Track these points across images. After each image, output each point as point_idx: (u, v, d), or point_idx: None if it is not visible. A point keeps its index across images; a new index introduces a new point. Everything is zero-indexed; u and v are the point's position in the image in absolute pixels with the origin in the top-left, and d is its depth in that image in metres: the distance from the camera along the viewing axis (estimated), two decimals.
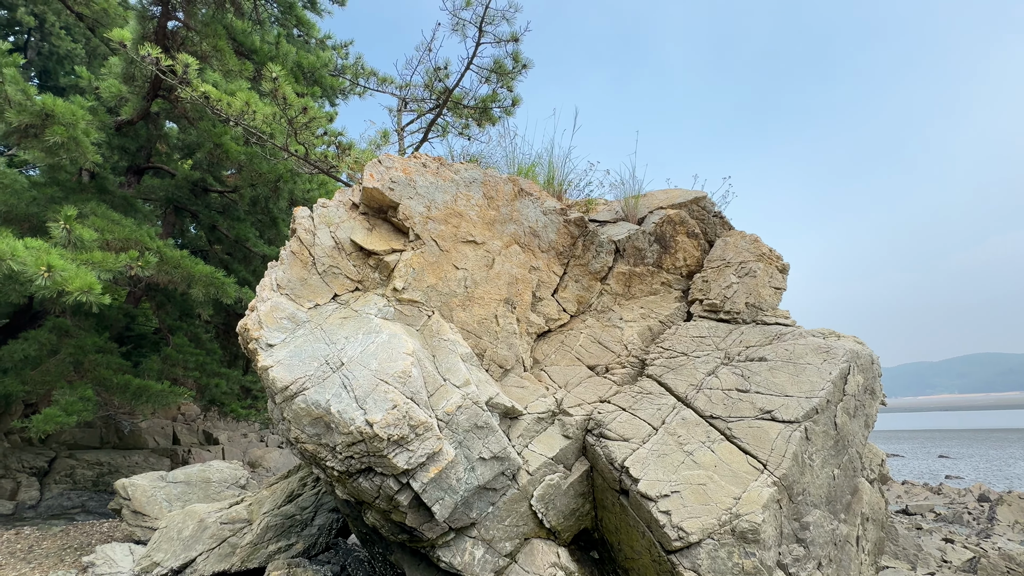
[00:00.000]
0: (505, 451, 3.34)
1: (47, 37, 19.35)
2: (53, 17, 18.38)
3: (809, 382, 3.87)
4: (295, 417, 2.93)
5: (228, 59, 6.87)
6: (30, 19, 18.29)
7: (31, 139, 7.49)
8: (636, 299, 5.10)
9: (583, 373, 4.43)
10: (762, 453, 3.52)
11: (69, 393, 8.84)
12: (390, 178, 3.95)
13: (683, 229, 5.23)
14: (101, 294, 6.43)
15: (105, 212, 8.49)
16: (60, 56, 19.18)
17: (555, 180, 5.16)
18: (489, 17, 5.58)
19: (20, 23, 18.47)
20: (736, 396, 3.93)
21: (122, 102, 8.32)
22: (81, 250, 7.04)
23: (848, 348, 4.10)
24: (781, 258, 4.90)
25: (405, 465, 2.78)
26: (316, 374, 3.00)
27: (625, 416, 3.95)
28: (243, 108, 5.24)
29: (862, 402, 4.18)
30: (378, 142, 5.82)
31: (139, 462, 12.37)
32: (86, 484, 11.31)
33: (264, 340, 3.20)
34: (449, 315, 3.99)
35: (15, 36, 19.15)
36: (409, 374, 2.97)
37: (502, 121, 6.71)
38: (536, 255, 4.62)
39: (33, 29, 19.09)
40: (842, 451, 3.94)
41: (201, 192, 11.87)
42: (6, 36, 18.58)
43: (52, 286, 6.02)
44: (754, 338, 4.44)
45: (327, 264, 3.78)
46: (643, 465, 3.55)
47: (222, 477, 8.94)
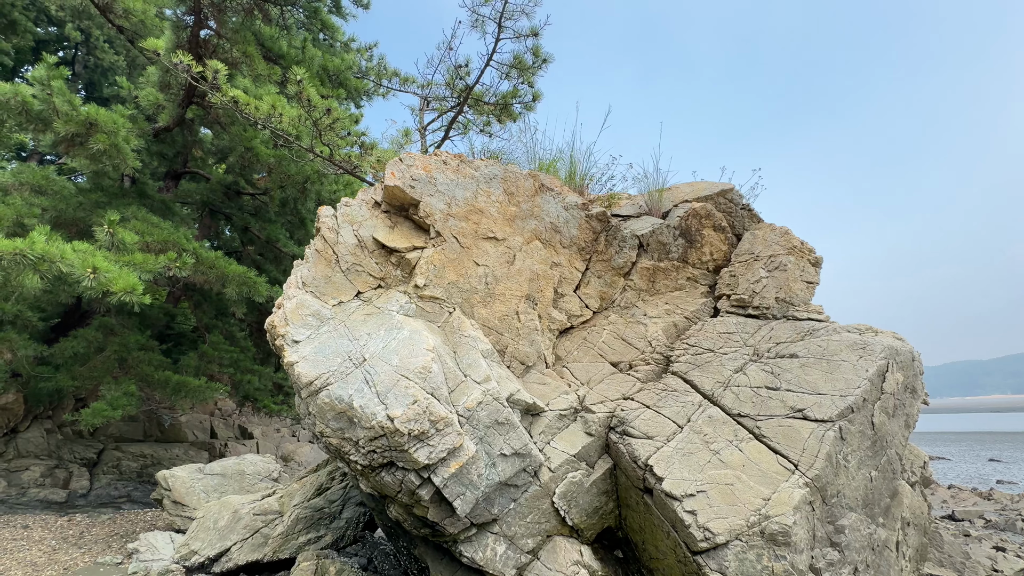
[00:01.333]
0: (526, 447, 3.32)
1: (92, 51, 20.34)
2: (98, 32, 19.34)
3: (844, 380, 3.71)
4: (319, 412, 2.99)
5: (257, 64, 7.07)
6: (77, 34, 19.27)
7: (77, 147, 7.90)
8: (660, 295, 5.00)
9: (606, 370, 4.37)
10: (793, 453, 3.39)
11: (114, 388, 9.30)
12: (411, 176, 3.98)
13: (709, 223, 5.09)
14: (142, 294, 6.74)
15: (145, 216, 8.89)
16: (104, 68, 20.18)
17: (577, 175, 5.11)
18: (508, 12, 5.56)
19: (68, 38, 19.51)
20: (766, 394, 3.81)
21: (159, 110, 8.68)
22: (123, 252, 7.39)
23: (886, 344, 3.90)
24: (813, 251, 4.71)
25: (426, 460, 2.80)
26: (339, 369, 3.06)
27: (649, 414, 3.87)
28: (270, 111, 5.38)
29: (902, 401, 3.98)
30: (400, 141, 5.88)
31: (179, 455, 12.93)
32: (131, 475, 11.90)
33: (290, 336, 3.28)
34: (470, 312, 4.00)
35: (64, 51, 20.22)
36: (430, 369, 2.99)
37: (523, 117, 6.70)
38: (558, 251, 4.57)
39: (80, 44, 20.12)
40: (880, 452, 3.76)
41: (234, 195, 12.30)
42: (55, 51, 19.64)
43: (98, 287, 6.34)
44: (785, 334, 4.29)
45: (350, 262, 3.84)
46: (667, 463, 3.47)
47: (256, 470, 9.24)
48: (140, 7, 9.41)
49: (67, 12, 16.68)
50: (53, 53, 19.42)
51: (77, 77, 20.03)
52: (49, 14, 18.39)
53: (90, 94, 20.24)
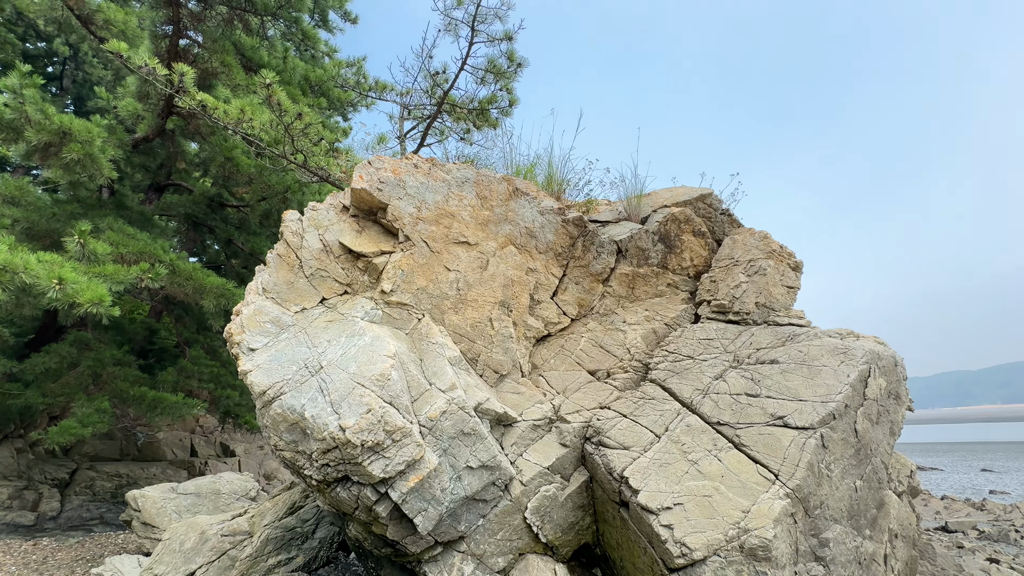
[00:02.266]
0: (495, 459, 3.16)
1: (81, 66, 20.30)
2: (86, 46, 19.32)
3: (825, 385, 3.59)
4: (273, 423, 2.82)
5: (236, 74, 7.00)
6: (65, 49, 19.22)
7: (51, 157, 7.75)
8: (640, 301, 4.89)
9: (583, 378, 4.23)
10: (774, 462, 3.25)
11: (86, 405, 9.00)
12: (379, 179, 3.88)
13: (689, 228, 5.01)
14: (111, 306, 6.53)
15: (121, 227, 8.70)
16: (92, 83, 20.13)
17: (554, 180, 5.03)
18: (481, 16, 5.54)
19: (57, 53, 19.47)
20: (745, 401, 3.68)
21: (138, 120, 8.58)
22: (94, 263, 7.20)
23: (868, 349, 3.80)
24: (793, 255, 4.63)
25: (381, 473, 2.63)
26: (294, 378, 2.90)
27: (626, 423, 3.72)
28: (239, 116, 5.28)
29: (886, 407, 3.87)
30: (375, 147, 5.81)
31: (156, 474, 12.51)
32: (105, 496, 11.48)
33: (246, 344, 3.12)
34: (440, 318, 3.86)
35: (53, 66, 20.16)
36: (388, 377, 2.84)
37: (501, 123, 6.66)
38: (533, 256, 4.46)
39: (68, 58, 20.07)
40: (864, 461, 3.63)
41: (218, 207, 12.15)
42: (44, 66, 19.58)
43: (63, 298, 6.13)
44: (765, 339, 4.18)
45: (314, 267, 3.70)
46: (644, 475, 3.32)
47: (232, 489, 8.91)
48: (121, 18, 9.36)
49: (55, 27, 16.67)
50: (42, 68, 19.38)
51: (65, 91, 19.95)
52: (38, 29, 18.37)
53: (78, 108, 20.16)
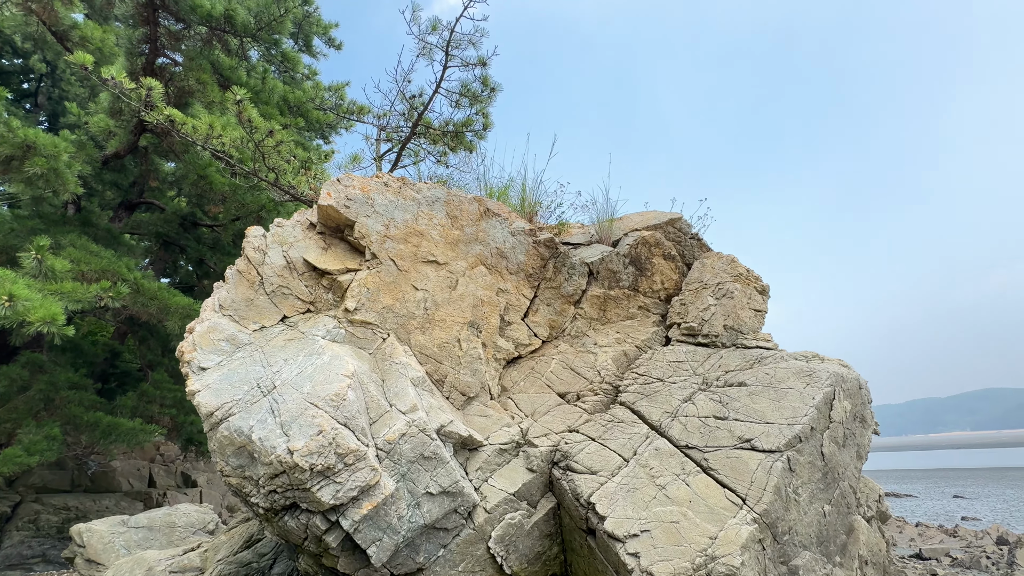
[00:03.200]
0: (457, 485, 3.04)
1: (57, 83, 20.06)
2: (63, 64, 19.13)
3: (791, 408, 3.59)
4: (219, 447, 2.66)
5: (211, 92, 6.97)
6: (42, 66, 19.00)
7: (12, 171, 7.51)
8: (612, 323, 4.88)
9: (552, 401, 4.15)
10: (741, 486, 3.20)
11: (35, 432, 8.48)
12: (347, 196, 3.83)
13: (659, 251, 5.07)
14: (66, 324, 6.24)
15: (84, 244, 8.41)
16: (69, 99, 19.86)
17: (527, 202, 5.06)
18: (455, 41, 5.67)
19: (33, 70, 19.21)
20: (714, 424, 3.64)
21: (109, 136, 8.42)
22: (52, 280, 6.90)
23: (832, 371, 3.84)
24: (760, 279, 4.71)
25: (332, 500, 2.49)
26: (244, 398, 2.76)
27: (594, 446, 3.65)
28: (208, 131, 5.22)
29: (851, 430, 3.88)
30: (348, 166, 5.79)
31: (109, 506, 11.75)
32: (50, 531, 10.71)
33: (196, 363, 2.98)
34: (407, 338, 3.77)
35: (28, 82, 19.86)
36: (344, 397, 2.72)
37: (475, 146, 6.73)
38: (504, 277, 4.44)
39: (44, 75, 19.82)
40: (832, 485, 3.61)
41: (191, 226, 11.89)
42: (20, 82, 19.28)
43: (13, 316, 5.83)
44: (734, 362, 4.19)
45: (276, 284, 3.60)
46: (611, 501, 3.22)
47: (188, 522, 8.40)
48: (98, 35, 9.29)
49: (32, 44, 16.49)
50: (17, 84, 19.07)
51: (39, 107, 19.63)
52: (14, 45, 18.14)
53: (52, 124, 19.80)
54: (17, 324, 5.98)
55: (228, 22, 7.35)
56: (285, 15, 7.62)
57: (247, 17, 7.71)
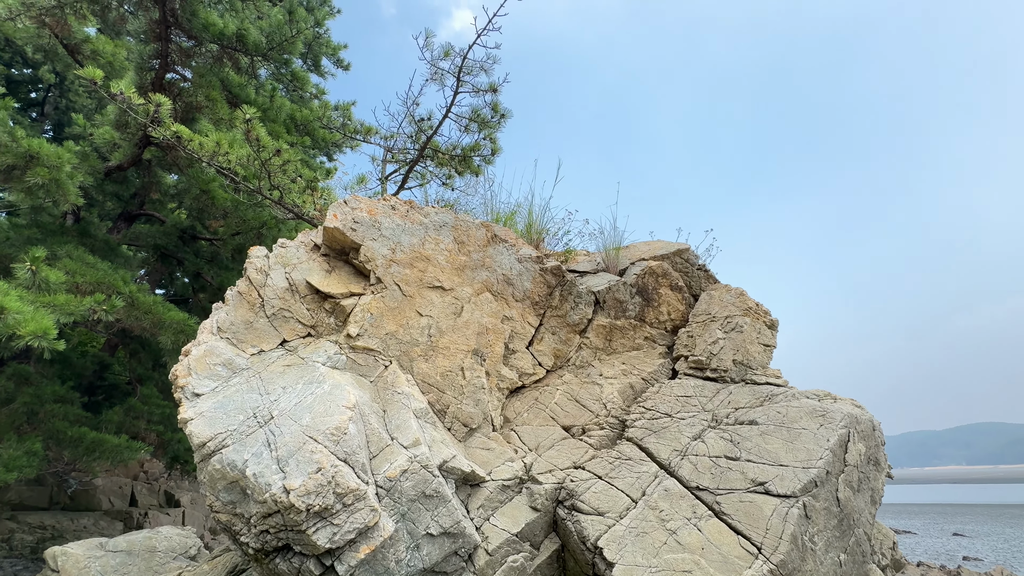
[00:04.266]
0: (459, 526, 2.88)
1: (65, 93, 20.21)
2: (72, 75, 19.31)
3: (805, 450, 3.47)
4: (210, 480, 2.52)
5: (219, 108, 6.97)
6: (51, 76, 19.16)
7: (13, 180, 7.44)
8: (617, 354, 4.78)
9: (557, 434, 4.01)
10: (756, 533, 3.06)
11: (15, 446, 8.20)
12: (353, 218, 3.77)
13: (666, 282, 5.01)
14: (57, 339, 6.07)
15: (81, 255, 8.29)
16: (76, 110, 19.99)
17: (533, 228, 5.01)
18: (467, 68, 5.73)
19: (42, 80, 19.39)
20: (725, 464, 3.52)
21: (114, 148, 8.39)
22: (46, 292, 6.76)
23: (846, 412, 3.73)
24: (769, 313, 4.64)
25: (328, 543, 2.34)
26: (240, 429, 2.62)
27: (601, 485, 3.50)
28: (215, 148, 5.18)
29: (866, 474, 3.76)
30: (354, 187, 5.76)
31: (87, 526, 11.32)
32: (23, 551, 10.27)
33: (190, 388, 2.85)
34: (409, 366, 3.65)
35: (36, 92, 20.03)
36: (345, 431, 2.59)
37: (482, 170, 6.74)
38: (510, 304, 4.35)
39: (53, 86, 19.99)
40: (848, 532, 3.46)
41: (189, 239, 11.79)
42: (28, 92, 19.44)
43: (3, 329, 5.67)
44: (743, 399, 4.08)
45: (277, 307, 3.49)
46: (619, 546, 3.07)
47: (170, 546, 8.05)
48: (110, 49, 9.36)
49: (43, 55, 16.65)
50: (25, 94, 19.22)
51: (45, 117, 19.74)
52: (25, 56, 18.34)
53: (57, 134, 19.89)
54: (6, 337, 5.82)
55: (240, 41, 7.41)
56: (297, 36, 7.70)
57: (259, 37, 7.79)
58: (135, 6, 8.13)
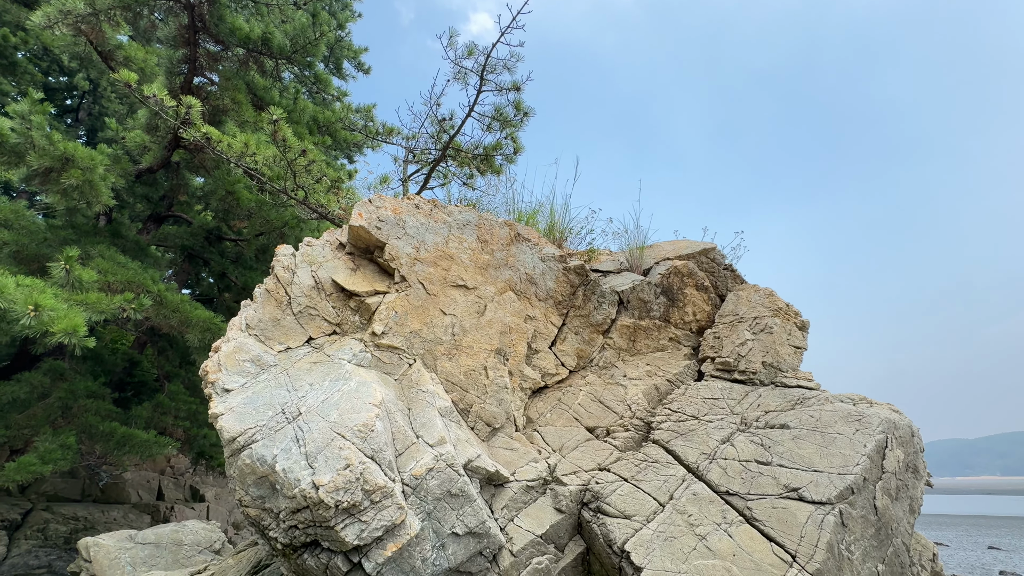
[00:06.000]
0: (484, 526, 2.85)
1: (98, 100, 20.89)
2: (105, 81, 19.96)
3: (841, 455, 3.35)
4: (240, 475, 2.54)
5: (245, 111, 7.11)
6: (85, 83, 19.82)
7: (50, 183, 7.71)
8: (642, 355, 4.70)
9: (581, 435, 3.96)
10: (790, 541, 2.96)
11: (50, 440, 8.48)
12: (378, 217, 3.78)
13: (692, 281, 4.91)
14: (87, 336, 6.25)
15: (112, 255, 8.54)
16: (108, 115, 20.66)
17: (556, 228, 4.97)
18: (490, 66, 5.73)
19: (76, 87, 20.08)
20: (756, 469, 3.41)
21: (144, 151, 8.63)
22: (79, 291, 6.98)
23: (884, 417, 3.59)
24: (799, 314, 4.51)
25: (356, 540, 2.33)
26: (269, 424, 2.64)
27: (627, 488, 3.43)
28: (243, 149, 5.27)
29: (904, 482, 3.61)
30: (377, 187, 5.82)
31: (117, 518, 11.65)
32: (57, 541, 10.61)
33: (220, 384, 2.89)
34: (433, 364, 3.65)
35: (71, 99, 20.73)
36: (372, 428, 2.59)
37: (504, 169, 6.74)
38: (532, 303, 4.31)
39: (87, 92, 20.67)
40: (886, 542, 3.33)
41: (215, 240, 12.07)
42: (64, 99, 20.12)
43: (38, 326, 5.86)
44: (774, 402, 3.96)
45: (304, 304, 3.52)
46: (647, 550, 3.00)
47: (195, 540, 8.23)
48: (141, 56, 9.64)
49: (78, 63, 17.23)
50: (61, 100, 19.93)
51: (80, 123, 20.42)
52: (61, 64, 19.02)
53: (90, 139, 20.58)
54: (40, 334, 6.02)
55: (265, 44, 7.56)
56: (320, 38, 7.82)
57: (283, 40, 7.92)
58: (165, 12, 8.36)
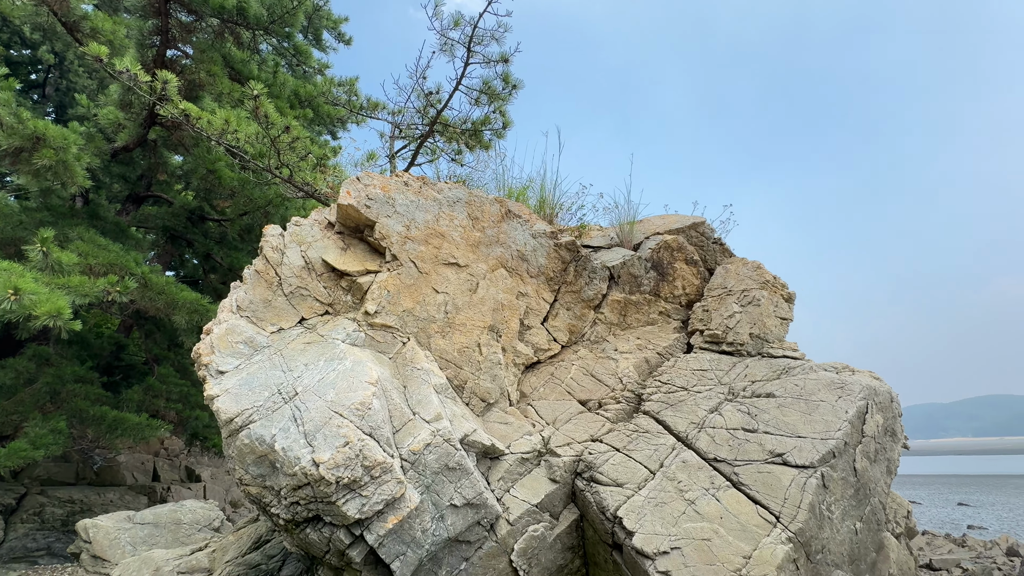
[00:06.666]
0: (481, 497, 2.94)
1: (65, 74, 19.92)
2: (72, 55, 19.02)
3: (823, 421, 3.48)
4: (239, 454, 2.57)
5: (220, 83, 6.84)
6: (50, 57, 18.85)
7: (21, 163, 7.42)
8: (632, 329, 4.77)
9: (574, 408, 4.05)
10: (774, 503, 3.10)
11: (40, 425, 8.43)
12: (367, 195, 3.73)
13: (681, 256, 4.96)
14: (72, 319, 6.15)
15: (92, 237, 8.33)
16: (76, 91, 19.74)
17: (547, 204, 4.95)
18: (478, 37, 5.57)
19: (41, 61, 19.07)
20: (743, 436, 3.54)
21: (119, 129, 8.32)
22: (59, 274, 6.82)
23: (865, 384, 3.72)
24: (786, 286, 4.59)
25: (357, 514, 2.39)
26: (266, 405, 2.66)
27: (619, 457, 3.54)
28: (223, 126, 5.11)
29: (883, 445, 3.77)
30: (364, 164, 5.70)
31: (113, 500, 11.70)
32: (55, 524, 10.66)
33: (214, 366, 2.88)
34: (427, 342, 3.67)
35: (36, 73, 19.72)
36: (369, 406, 2.62)
37: (493, 144, 6.63)
38: (524, 280, 4.33)
39: (53, 66, 19.68)
40: (864, 501, 3.50)
41: (198, 220, 11.80)
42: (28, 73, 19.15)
43: (19, 310, 5.75)
44: (760, 372, 4.08)
45: (295, 285, 3.50)
46: (639, 515, 3.12)
47: (194, 518, 8.34)
48: (109, 27, 9.18)
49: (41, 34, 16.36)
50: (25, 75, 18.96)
51: (47, 99, 19.50)
52: (23, 36, 18.01)
53: (59, 116, 19.71)
54: (23, 318, 5.90)
55: (240, 14, 7.23)
56: (298, 7, 7.50)
57: (259, 9, 7.59)
58: None
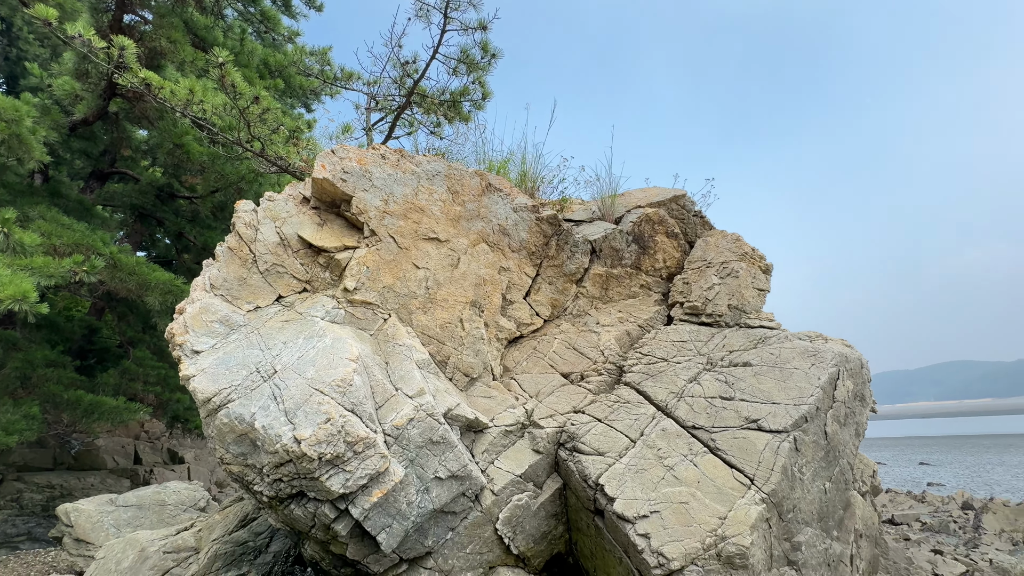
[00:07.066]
0: (465, 469, 2.98)
1: (15, 41, 18.63)
2: (21, 21, 17.75)
3: (797, 388, 3.60)
4: (219, 434, 2.54)
5: (182, 51, 6.47)
6: None
7: None
8: (614, 302, 4.81)
9: (556, 381, 4.10)
10: (749, 467, 3.22)
11: (12, 411, 8.20)
12: (343, 168, 3.62)
13: (662, 229, 4.98)
14: (39, 302, 5.93)
15: (55, 216, 7.97)
16: (28, 59, 18.51)
17: (528, 177, 4.88)
18: (455, 3, 5.34)
19: None
20: (720, 404, 3.64)
21: (76, 100, 7.86)
22: (21, 255, 6.53)
23: (836, 351, 3.85)
24: (764, 258, 4.67)
25: (341, 489, 2.40)
26: (244, 384, 2.62)
27: (600, 427, 3.62)
28: (188, 96, 4.85)
29: (852, 409, 3.92)
30: (339, 137, 5.50)
31: (95, 484, 11.57)
32: (34, 509, 10.51)
33: (189, 346, 2.82)
34: (408, 318, 3.64)
35: None
36: (350, 382, 2.61)
37: (473, 117, 6.47)
38: (506, 255, 4.30)
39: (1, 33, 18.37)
40: (833, 463, 3.66)
41: (167, 198, 11.36)
42: None
43: None
44: (738, 342, 4.17)
45: (270, 262, 3.41)
46: (619, 482, 3.21)
47: (179, 499, 8.31)
48: None
49: None
50: None
51: None
52: None
53: (10, 87, 18.50)
54: None
55: None
56: None
57: None
58: None
